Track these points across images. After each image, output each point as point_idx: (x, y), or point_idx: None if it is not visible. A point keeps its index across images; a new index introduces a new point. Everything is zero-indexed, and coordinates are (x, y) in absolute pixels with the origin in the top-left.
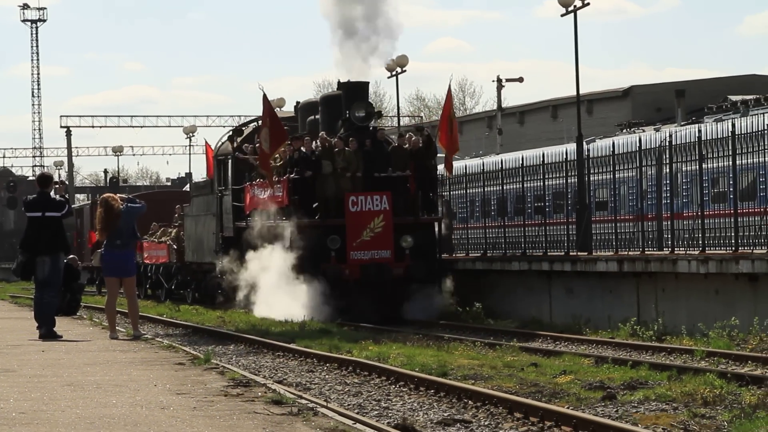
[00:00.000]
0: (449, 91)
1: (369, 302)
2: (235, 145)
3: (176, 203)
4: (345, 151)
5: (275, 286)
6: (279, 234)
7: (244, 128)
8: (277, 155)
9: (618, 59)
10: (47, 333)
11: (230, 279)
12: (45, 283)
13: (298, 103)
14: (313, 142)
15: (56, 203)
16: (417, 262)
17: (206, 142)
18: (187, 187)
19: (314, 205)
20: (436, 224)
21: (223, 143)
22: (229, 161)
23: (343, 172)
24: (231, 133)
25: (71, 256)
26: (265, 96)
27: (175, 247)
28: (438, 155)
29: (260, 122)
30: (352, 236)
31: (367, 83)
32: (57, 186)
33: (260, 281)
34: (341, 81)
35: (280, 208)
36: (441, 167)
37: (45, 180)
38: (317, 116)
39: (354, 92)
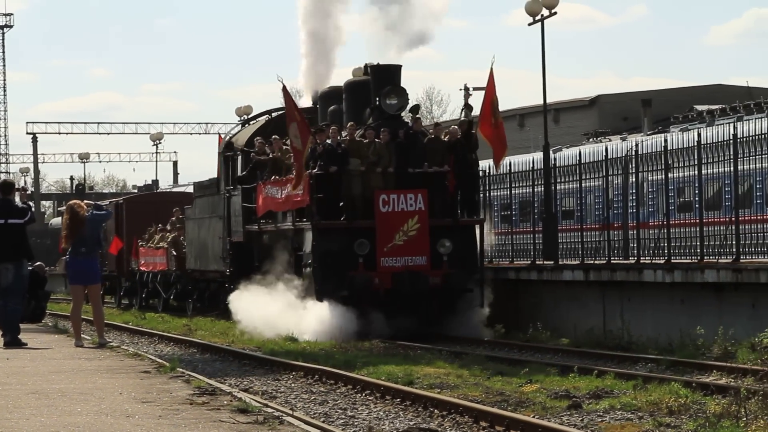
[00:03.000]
0: (491, 73)
1: (403, 315)
2: (245, 140)
3: (176, 205)
4: (376, 143)
5: (293, 299)
6: (298, 238)
7: (255, 121)
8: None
9: (585, 68)
10: (11, 341)
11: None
12: (9, 290)
13: (316, 92)
14: (340, 133)
15: (19, 210)
16: (456, 270)
17: (220, 135)
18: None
19: (340, 205)
20: (477, 227)
21: (231, 137)
22: (239, 158)
23: (372, 167)
24: (241, 127)
25: (38, 263)
26: (285, 88)
27: (175, 253)
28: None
29: (274, 115)
30: (382, 240)
31: (400, 66)
32: (19, 192)
33: (274, 296)
34: (370, 64)
35: (299, 209)
36: (484, 163)
37: (7, 187)
38: (341, 105)
39: (385, 77)
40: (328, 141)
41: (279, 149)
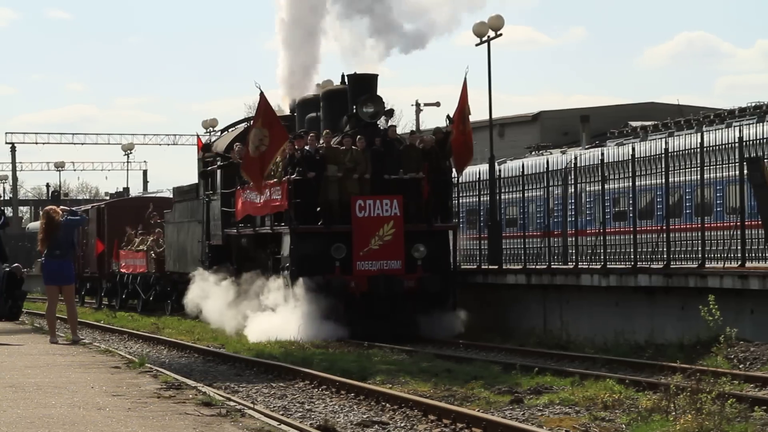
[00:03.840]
0: (464, 85)
1: (377, 318)
2: (225, 146)
3: (154, 210)
4: (352, 150)
5: (269, 302)
6: (276, 242)
7: (233, 128)
8: (278, 157)
9: (528, 86)
10: None
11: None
12: None
13: (294, 101)
14: (317, 140)
15: None
16: (429, 273)
17: (198, 138)
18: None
19: (317, 210)
20: (450, 232)
21: (211, 144)
22: (218, 163)
23: (349, 173)
24: (220, 133)
25: (15, 264)
26: (262, 94)
27: (154, 256)
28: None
29: (251, 122)
30: (358, 245)
31: (376, 76)
32: None
33: (252, 296)
34: (347, 74)
35: (277, 213)
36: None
37: None
38: (318, 113)
39: (362, 86)
40: (306, 147)
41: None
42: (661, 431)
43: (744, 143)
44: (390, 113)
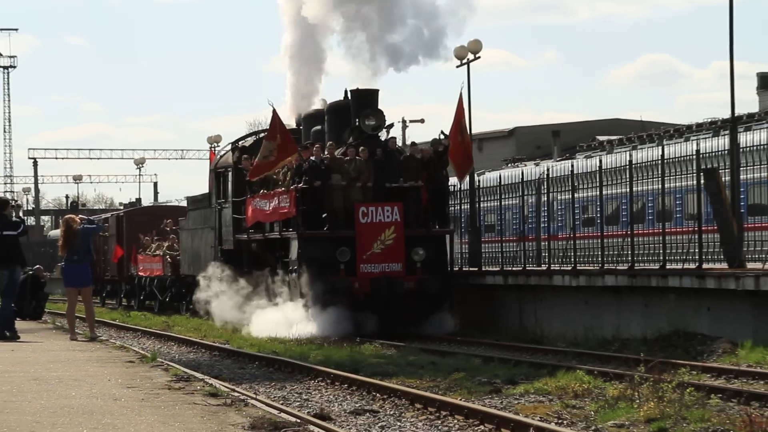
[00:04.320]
0: (460, 101)
1: (379, 317)
2: (235, 157)
3: (170, 218)
4: (356, 160)
5: (278, 302)
6: (284, 246)
7: (244, 141)
8: (284, 167)
9: (504, 104)
10: (11, 334)
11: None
12: (4, 292)
13: (299, 115)
14: (323, 152)
15: (13, 224)
16: (428, 275)
17: (211, 150)
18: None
19: (323, 216)
20: (447, 237)
21: (222, 156)
22: (230, 173)
23: (353, 182)
24: (231, 146)
25: (37, 266)
26: (274, 111)
27: (170, 260)
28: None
29: (261, 135)
30: (362, 248)
31: (377, 91)
32: (13, 207)
33: (262, 297)
34: (350, 89)
35: (286, 220)
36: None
37: (2, 204)
38: (323, 126)
39: (364, 100)
40: (312, 158)
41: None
42: (626, 417)
43: (701, 155)
44: (390, 126)
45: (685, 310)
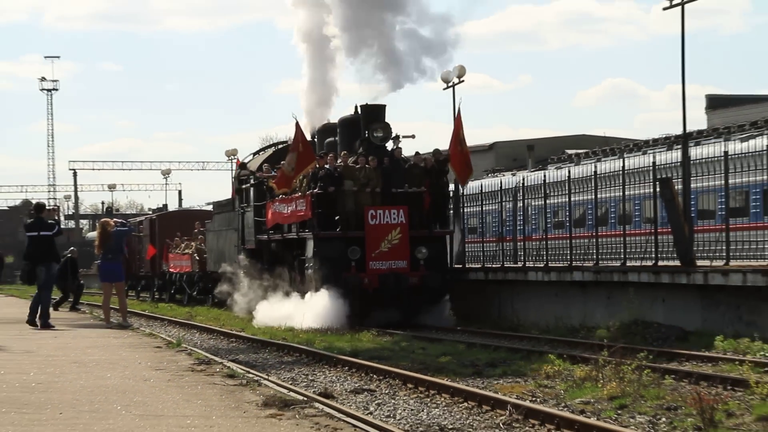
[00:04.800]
0: (458, 115)
1: (387, 309)
2: (256, 167)
3: (197, 220)
4: (366, 168)
5: (295, 294)
6: (301, 245)
7: (263, 152)
8: (302, 176)
9: (485, 121)
10: (45, 324)
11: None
12: (42, 285)
13: (314, 128)
14: (336, 160)
15: (48, 225)
16: (431, 272)
17: (237, 158)
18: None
19: (336, 218)
20: (447, 237)
21: (242, 165)
22: (251, 180)
23: (363, 187)
24: (252, 156)
25: (71, 248)
26: (297, 124)
27: (198, 258)
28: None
29: (279, 147)
30: (371, 247)
31: (384, 106)
32: (49, 211)
33: (280, 290)
34: (360, 105)
35: (302, 222)
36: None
37: (39, 208)
38: (335, 138)
39: (372, 114)
40: (327, 166)
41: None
42: (591, 396)
43: (657, 167)
44: (396, 137)
45: (642, 301)
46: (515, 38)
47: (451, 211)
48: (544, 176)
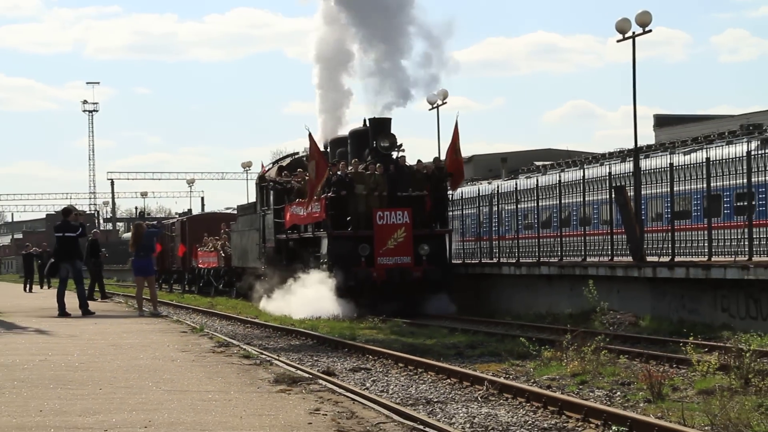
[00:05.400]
0: (456, 127)
1: (393, 300)
2: (275, 174)
3: (222, 222)
4: (374, 174)
5: (310, 287)
6: (316, 243)
7: (282, 162)
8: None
9: (464, 137)
10: (85, 311)
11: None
12: (75, 279)
13: (326, 139)
14: (348, 168)
15: (73, 227)
16: (432, 266)
17: (262, 164)
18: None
19: (347, 219)
20: (447, 235)
21: (265, 173)
22: (271, 185)
23: (371, 191)
24: (271, 165)
25: (94, 230)
26: (310, 135)
27: (223, 254)
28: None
29: (296, 156)
30: (379, 245)
31: (390, 119)
32: (75, 215)
33: (298, 283)
34: (368, 118)
35: (317, 223)
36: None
37: (66, 212)
38: (346, 148)
39: (379, 126)
40: (339, 173)
41: (302, 179)
42: (557, 373)
43: (612, 176)
44: (401, 147)
45: (600, 292)
46: (490, 66)
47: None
48: (516, 184)
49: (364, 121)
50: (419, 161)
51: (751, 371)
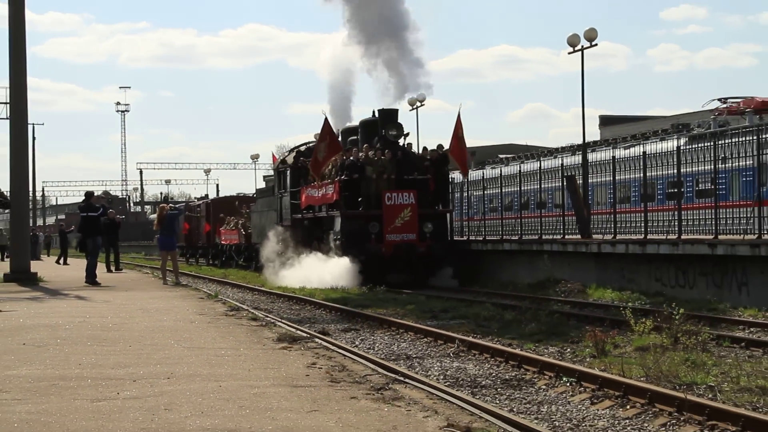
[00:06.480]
0: (459, 117)
1: (400, 272)
2: (292, 160)
3: (242, 203)
4: (382, 159)
5: (324, 261)
6: (330, 222)
7: (297, 149)
8: (330, 164)
9: (440, 135)
10: (92, 281)
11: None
12: (90, 253)
13: (337, 130)
14: (359, 153)
15: (94, 208)
16: (435, 242)
17: (273, 154)
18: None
19: (359, 200)
20: (448, 215)
21: (282, 159)
22: (288, 171)
23: (381, 175)
24: (288, 152)
25: (110, 210)
26: (326, 119)
27: (244, 232)
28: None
29: (310, 144)
30: (387, 223)
31: (397, 110)
32: (99, 197)
33: (311, 259)
34: (378, 109)
35: (331, 203)
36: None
37: (89, 195)
38: (357, 137)
39: (388, 116)
40: (351, 158)
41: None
42: (516, 333)
43: (564, 167)
44: (407, 135)
45: (554, 265)
46: (462, 73)
47: (450, 194)
48: (483, 174)
49: (373, 111)
50: (424, 148)
51: (680, 331)
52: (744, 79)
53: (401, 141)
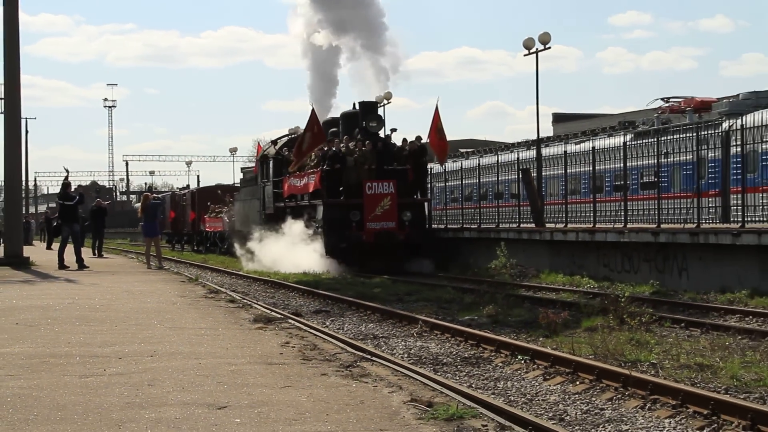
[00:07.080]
0: (437, 109)
1: (380, 259)
2: (275, 150)
3: (226, 193)
4: (363, 150)
5: (306, 248)
6: (313, 210)
7: (280, 140)
8: (312, 154)
9: (406, 131)
10: (81, 265)
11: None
12: (73, 239)
13: (320, 122)
14: (341, 144)
15: (70, 197)
16: (414, 230)
17: (258, 144)
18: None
19: (340, 189)
20: (425, 204)
21: (265, 150)
22: (271, 161)
23: (362, 165)
24: (271, 143)
25: (97, 198)
26: (313, 110)
27: (227, 220)
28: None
29: (291, 136)
30: (368, 211)
31: (377, 103)
32: (75, 188)
33: (293, 246)
34: (358, 101)
35: (313, 192)
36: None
37: (65, 185)
38: (337, 128)
39: (368, 108)
40: (333, 149)
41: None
42: (475, 314)
43: (520, 161)
44: (394, 130)
45: (510, 251)
46: (426, 73)
47: (429, 185)
48: (444, 167)
49: (354, 104)
50: (404, 140)
51: (625, 313)
52: (685, 80)
53: (381, 132)
